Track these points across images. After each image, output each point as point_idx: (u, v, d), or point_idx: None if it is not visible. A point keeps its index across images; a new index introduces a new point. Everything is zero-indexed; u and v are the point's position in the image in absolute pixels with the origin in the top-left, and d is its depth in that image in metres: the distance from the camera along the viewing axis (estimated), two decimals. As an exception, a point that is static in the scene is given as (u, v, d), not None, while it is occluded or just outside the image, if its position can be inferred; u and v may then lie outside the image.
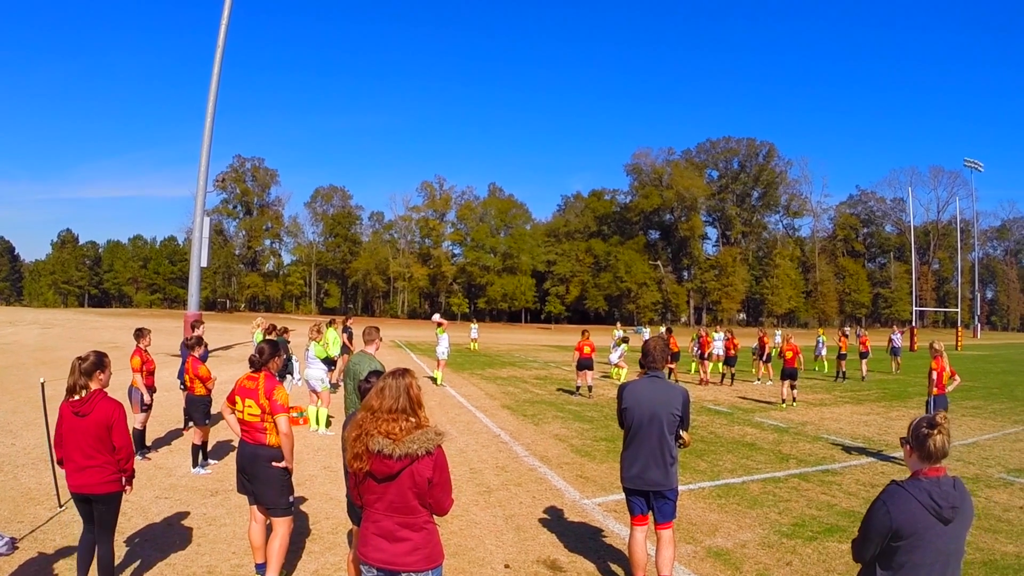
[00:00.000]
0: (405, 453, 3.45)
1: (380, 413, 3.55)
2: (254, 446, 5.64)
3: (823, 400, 19.23)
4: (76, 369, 5.14)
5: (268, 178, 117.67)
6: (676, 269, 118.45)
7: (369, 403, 3.62)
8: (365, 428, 3.55)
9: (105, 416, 5.07)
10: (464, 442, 12.18)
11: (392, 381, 3.63)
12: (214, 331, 36.67)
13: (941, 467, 3.26)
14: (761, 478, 9.87)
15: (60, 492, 7.71)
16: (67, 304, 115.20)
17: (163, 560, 6.24)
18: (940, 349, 11.48)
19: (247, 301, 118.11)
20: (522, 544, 6.96)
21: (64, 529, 6.86)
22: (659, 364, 5.61)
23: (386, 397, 3.58)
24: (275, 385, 5.69)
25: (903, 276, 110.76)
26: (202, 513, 7.71)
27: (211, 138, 27.02)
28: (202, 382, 9.67)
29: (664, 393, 5.48)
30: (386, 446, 3.46)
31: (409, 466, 3.48)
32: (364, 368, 7.02)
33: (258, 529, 5.80)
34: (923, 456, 3.27)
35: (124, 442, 5.16)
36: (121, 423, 5.18)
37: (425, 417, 3.65)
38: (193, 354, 9.89)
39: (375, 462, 3.50)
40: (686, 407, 5.53)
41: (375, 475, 3.53)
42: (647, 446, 5.44)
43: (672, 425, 5.44)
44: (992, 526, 7.69)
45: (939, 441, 3.22)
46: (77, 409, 5.06)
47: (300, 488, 8.49)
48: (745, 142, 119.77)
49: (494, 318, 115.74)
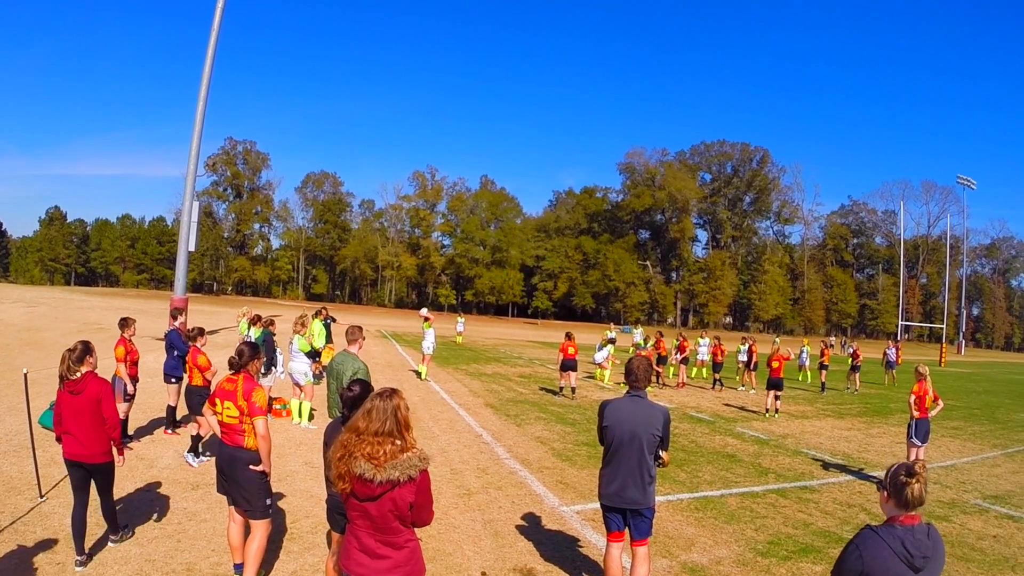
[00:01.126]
0: (386, 479, 3.47)
1: (365, 435, 3.56)
2: (232, 448, 5.65)
3: (805, 412, 19.35)
4: (66, 359, 5.97)
5: (259, 162, 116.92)
6: (665, 270, 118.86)
7: (355, 424, 3.63)
8: (349, 449, 3.56)
9: (96, 392, 5.94)
10: (446, 441, 12.22)
11: (380, 403, 3.63)
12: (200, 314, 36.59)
13: (916, 515, 3.30)
14: (740, 492, 9.95)
15: (41, 482, 7.71)
16: (53, 282, 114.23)
17: (142, 555, 6.25)
18: (924, 373, 11.30)
19: (234, 284, 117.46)
20: (499, 551, 7.01)
21: (44, 520, 6.86)
22: (642, 384, 5.65)
23: (373, 419, 3.58)
24: (254, 387, 5.69)
25: (890, 288, 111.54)
26: (183, 508, 7.71)
27: (203, 121, 26.82)
28: (201, 372, 9.65)
29: (646, 413, 5.52)
30: (368, 470, 3.47)
31: (391, 491, 3.50)
32: (347, 368, 7.06)
33: (236, 530, 5.81)
34: (900, 504, 3.31)
35: (111, 413, 6.02)
36: (109, 397, 6.04)
37: (412, 440, 3.66)
38: (195, 344, 9.84)
39: (357, 484, 3.53)
40: (667, 427, 5.58)
41: (357, 495, 3.56)
42: (626, 465, 5.49)
43: (652, 445, 5.49)
44: (965, 554, 7.78)
45: (916, 490, 3.26)
46: (72, 388, 5.91)
47: (280, 484, 8.51)
48: (739, 146, 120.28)
49: (481, 311, 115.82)
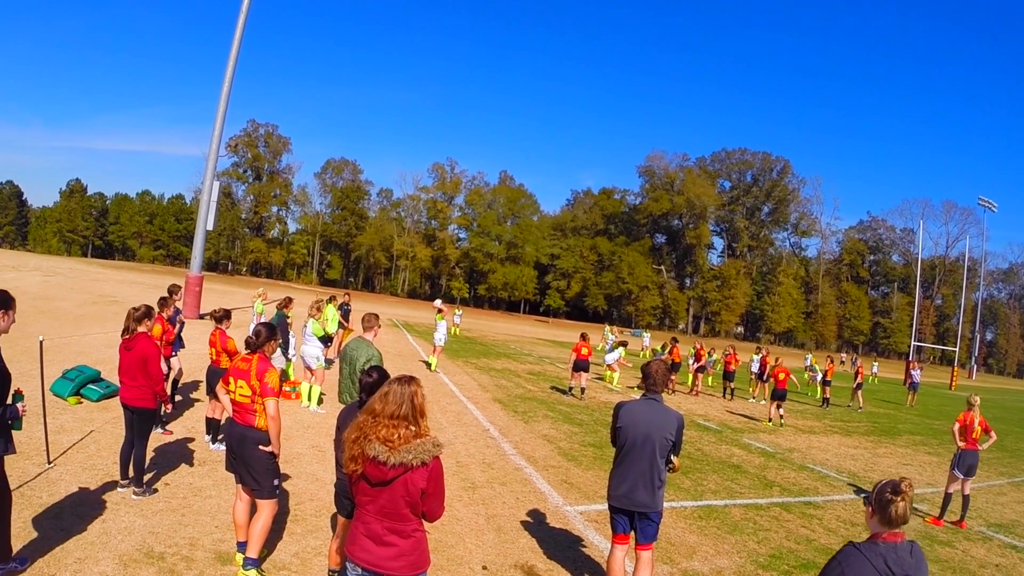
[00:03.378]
0: (400, 462, 3.47)
1: (381, 418, 3.57)
2: (243, 427, 5.66)
3: (812, 428, 19.24)
4: (130, 316, 7.21)
5: (280, 145, 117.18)
6: (679, 276, 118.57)
7: (372, 407, 3.64)
8: (364, 431, 3.57)
9: (143, 350, 7.00)
10: (452, 433, 12.22)
11: (398, 387, 3.65)
12: (214, 293, 36.66)
13: (900, 532, 3.29)
14: (744, 503, 9.90)
15: (50, 449, 7.75)
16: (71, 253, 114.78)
17: (146, 526, 6.28)
18: (974, 403, 10.74)
19: (249, 266, 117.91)
20: (502, 546, 7.01)
21: (52, 487, 6.90)
22: (659, 388, 5.63)
23: (389, 402, 3.59)
24: (267, 368, 5.71)
25: (904, 308, 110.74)
26: (188, 483, 7.74)
27: (227, 102, 26.91)
28: (229, 356, 9.50)
29: (660, 417, 5.50)
30: (382, 452, 3.48)
31: (403, 475, 3.50)
32: (361, 355, 7.05)
33: (243, 508, 5.83)
34: (884, 521, 3.30)
35: (155, 371, 7.06)
36: (155, 358, 7.07)
37: (426, 427, 3.67)
38: (221, 327, 9.79)
39: (370, 467, 3.53)
40: (680, 432, 5.56)
41: (369, 479, 3.56)
42: (637, 467, 5.47)
43: (664, 449, 5.47)
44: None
45: (901, 508, 3.26)
46: (127, 344, 7.10)
47: (287, 466, 8.53)
48: (760, 156, 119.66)
49: (493, 306, 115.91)
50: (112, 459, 7.74)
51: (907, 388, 32.21)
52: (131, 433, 7.12)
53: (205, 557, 5.85)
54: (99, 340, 15.03)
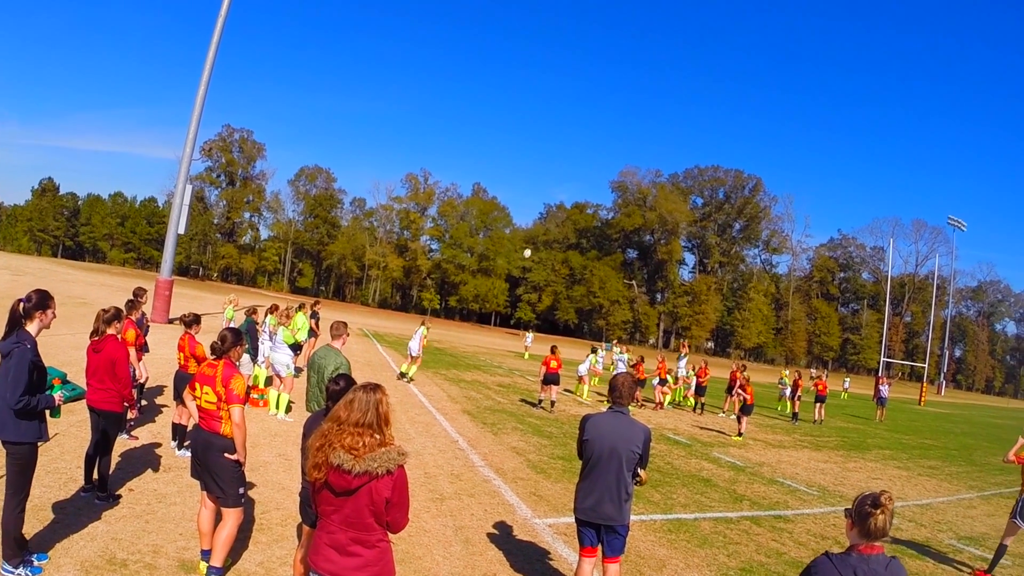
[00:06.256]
0: (364, 470, 3.43)
1: (346, 426, 3.53)
2: (209, 434, 5.57)
3: (782, 442, 19.36)
4: (100, 318, 7.10)
5: (255, 151, 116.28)
6: (650, 291, 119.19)
7: (336, 414, 3.60)
8: (328, 439, 3.52)
9: (111, 353, 6.94)
10: (421, 444, 12.14)
11: (363, 395, 3.61)
12: (184, 298, 36.27)
13: (877, 545, 3.31)
14: (713, 516, 9.91)
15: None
16: (41, 253, 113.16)
17: (109, 532, 6.18)
18: None
19: (220, 271, 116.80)
20: (469, 558, 6.95)
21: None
22: (625, 400, 5.62)
23: (354, 410, 3.55)
24: (233, 374, 5.62)
25: (874, 324, 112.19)
26: (153, 489, 7.62)
27: (203, 106, 26.76)
28: (198, 361, 9.36)
29: (627, 429, 5.49)
30: (346, 461, 3.44)
31: (368, 483, 3.46)
32: (329, 363, 6.98)
33: (207, 515, 5.73)
34: (862, 533, 3.33)
35: (124, 374, 7.00)
36: (123, 361, 7.03)
37: (391, 435, 3.63)
38: (190, 332, 9.66)
39: (333, 475, 3.49)
40: (647, 446, 5.54)
41: (333, 488, 3.51)
42: (604, 480, 5.45)
43: (631, 462, 5.45)
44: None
45: (880, 521, 3.28)
46: (95, 346, 7.02)
47: (253, 475, 8.42)
48: (733, 173, 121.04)
49: (464, 317, 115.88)
50: (77, 463, 7.60)
51: (876, 403, 32.70)
52: (97, 436, 7.03)
53: (168, 565, 5.75)
54: (66, 341, 14.80)
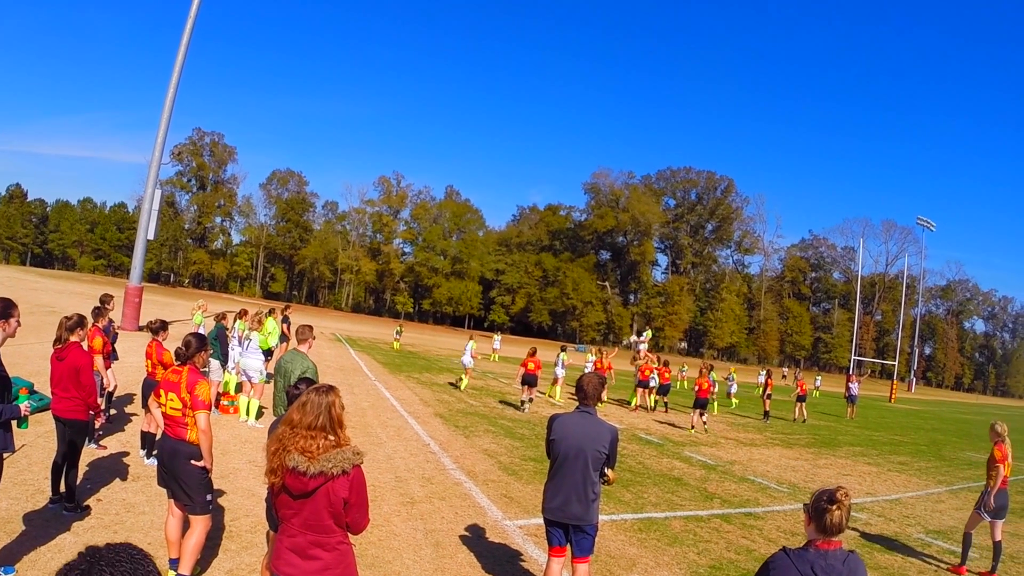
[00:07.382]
0: (320, 471, 3.44)
1: (299, 429, 3.54)
2: (175, 441, 5.54)
3: (753, 440, 19.53)
4: (63, 325, 6.97)
5: (226, 155, 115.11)
6: (623, 292, 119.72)
7: (290, 417, 3.62)
8: (283, 443, 3.54)
9: (75, 361, 6.79)
10: (392, 448, 12.11)
11: (315, 397, 3.61)
12: (154, 305, 35.83)
13: (835, 541, 3.35)
14: (684, 515, 9.99)
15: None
16: (8, 261, 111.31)
17: (77, 543, 6.09)
18: (1003, 433, 8.97)
19: (191, 277, 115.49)
20: (439, 561, 6.94)
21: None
22: (592, 401, 5.66)
23: (307, 413, 3.56)
24: (198, 380, 5.60)
25: (845, 323, 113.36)
26: (121, 499, 7.56)
27: (172, 109, 26.51)
28: (165, 368, 9.28)
29: (593, 429, 5.52)
30: (301, 463, 3.45)
31: (324, 485, 3.47)
32: (296, 367, 6.98)
33: (175, 524, 5.69)
34: (819, 528, 3.37)
35: (88, 382, 6.85)
36: (87, 368, 6.87)
37: (346, 437, 3.64)
38: (157, 338, 9.57)
39: (290, 478, 3.49)
40: (613, 446, 5.58)
41: (290, 491, 3.52)
42: (570, 480, 5.48)
43: (597, 462, 5.48)
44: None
45: (836, 517, 3.32)
46: (59, 354, 6.86)
47: (222, 482, 8.36)
48: (705, 174, 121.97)
49: (438, 320, 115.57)
50: (44, 474, 7.48)
51: (846, 401, 33.13)
52: (63, 446, 6.90)
53: (134, 575, 5.67)
54: (34, 351, 14.57)
